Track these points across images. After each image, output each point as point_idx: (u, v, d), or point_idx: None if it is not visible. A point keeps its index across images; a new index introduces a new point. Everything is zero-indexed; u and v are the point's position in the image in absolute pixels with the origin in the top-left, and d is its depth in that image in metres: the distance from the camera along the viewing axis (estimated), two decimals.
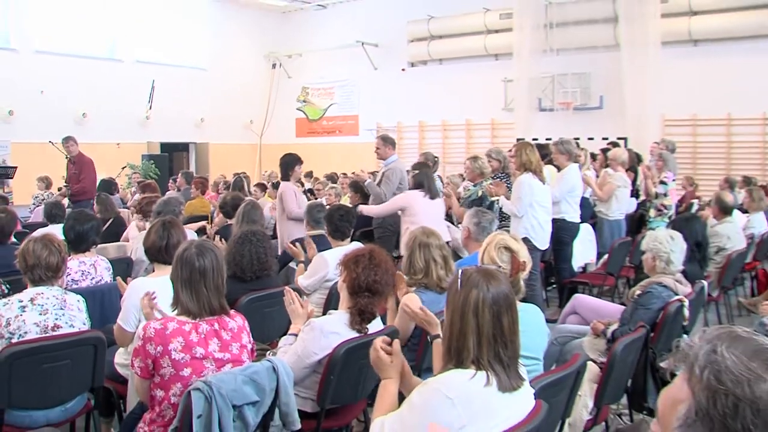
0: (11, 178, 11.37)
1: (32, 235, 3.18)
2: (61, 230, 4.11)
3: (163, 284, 2.76)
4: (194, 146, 17.74)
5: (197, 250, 2.49)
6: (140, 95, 15.54)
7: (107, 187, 8.50)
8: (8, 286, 3.46)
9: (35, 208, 9.10)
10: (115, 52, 15.47)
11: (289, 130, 18.48)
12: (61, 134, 8.97)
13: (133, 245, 5.12)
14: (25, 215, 8.66)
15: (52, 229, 5.00)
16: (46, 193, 9.55)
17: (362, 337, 2.70)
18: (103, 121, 14.67)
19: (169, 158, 15.52)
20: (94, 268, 3.91)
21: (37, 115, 13.44)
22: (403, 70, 16.32)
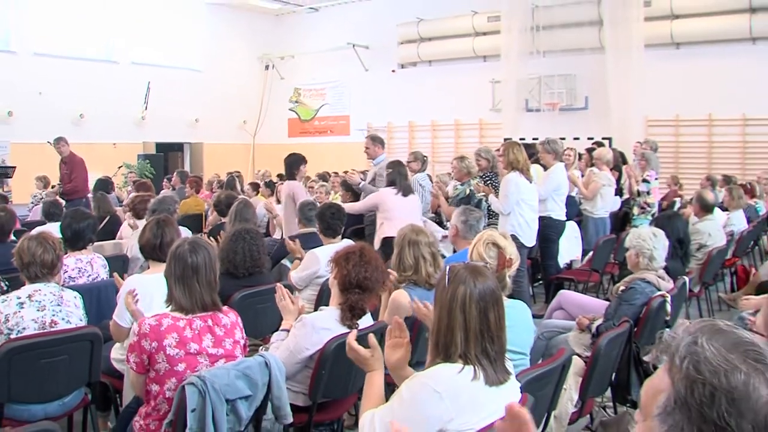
0: (10, 177, 11.33)
1: (29, 233, 3.19)
2: (58, 228, 4.12)
3: (157, 281, 2.79)
4: (189, 146, 17.72)
5: (190, 246, 2.51)
6: (136, 96, 15.55)
7: (104, 186, 8.44)
8: (7, 283, 3.46)
9: (33, 206, 9.07)
10: (111, 54, 15.43)
11: (281, 130, 18.46)
12: (59, 134, 8.96)
13: (128, 243, 5.13)
14: (23, 214, 8.61)
15: (49, 227, 5.01)
16: (44, 192, 9.51)
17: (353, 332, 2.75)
18: (99, 121, 14.67)
19: (164, 158, 15.48)
20: (90, 265, 3.91)
21: (35, 115, 13.41)
22: (393, 71, 16.36)
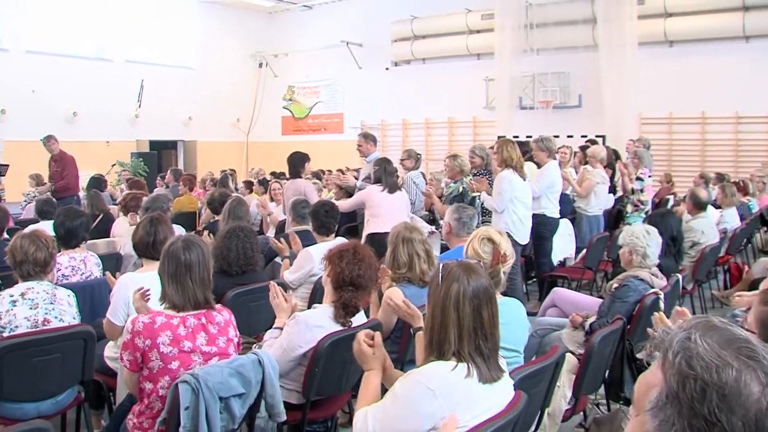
0: (3, 175, 11.20)
1: (22, 231, 3.19)
2: (51, 226, 4.11)
3: (151, 279, 2.78)
4: (182, 144, 17.67)
5: (183, 244, 2.50)
6: (129, 94, 15.51)
7: (97, 184, 8.40)
8: (0, 281, 3.45)
9: (26, 205, 8.99)
10: (104, 52, 15.36)
11: (275, 128, 18.44)
12: (52, 133, 8.93)
13: (121, 241, 5.12)
14: (16, 212, 8.55)
15: (42, 225, 5.00)
16: (37, 190, 9.46)
17: (346, 330, 2.73)
18: (93, 119, 14.63)
19: (157, 156, 15.47)
20: (83, 263, 3.90)
21: (28, 114, 13.35)
22: (387, 69, 16.35)
